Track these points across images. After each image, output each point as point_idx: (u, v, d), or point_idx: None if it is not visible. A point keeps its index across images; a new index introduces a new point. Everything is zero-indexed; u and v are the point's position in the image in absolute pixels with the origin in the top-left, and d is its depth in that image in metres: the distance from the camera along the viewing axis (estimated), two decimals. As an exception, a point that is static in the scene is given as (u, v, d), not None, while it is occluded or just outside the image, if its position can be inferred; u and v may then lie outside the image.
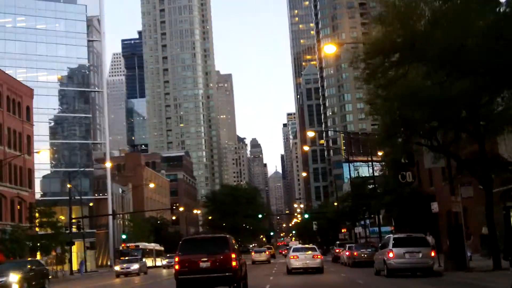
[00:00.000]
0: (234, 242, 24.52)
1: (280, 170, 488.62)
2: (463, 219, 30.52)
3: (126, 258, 64.46)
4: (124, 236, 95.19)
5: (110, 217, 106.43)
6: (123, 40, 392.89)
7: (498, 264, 28.32)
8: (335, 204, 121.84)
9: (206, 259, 22.04)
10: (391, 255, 30.30)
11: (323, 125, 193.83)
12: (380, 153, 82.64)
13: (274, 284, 31.11)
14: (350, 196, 70.63)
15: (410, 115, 27.34)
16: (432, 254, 30.48)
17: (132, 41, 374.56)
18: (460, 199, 30.32)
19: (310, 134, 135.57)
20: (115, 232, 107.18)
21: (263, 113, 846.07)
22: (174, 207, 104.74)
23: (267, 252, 73.14)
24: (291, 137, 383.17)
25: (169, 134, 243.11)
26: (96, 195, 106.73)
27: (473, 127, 28.81)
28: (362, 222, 72.26)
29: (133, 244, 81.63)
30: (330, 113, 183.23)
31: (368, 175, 74.21)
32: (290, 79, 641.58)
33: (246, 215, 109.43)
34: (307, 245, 50.99)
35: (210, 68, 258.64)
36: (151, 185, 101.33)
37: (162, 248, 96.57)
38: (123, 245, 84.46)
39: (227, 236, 24.14)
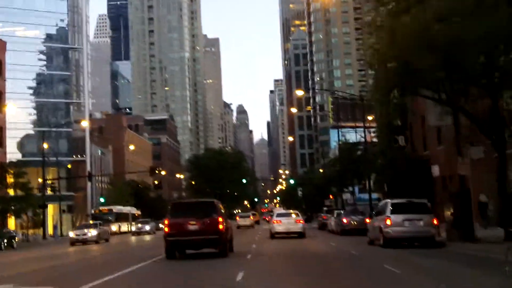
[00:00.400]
0: (221, 207, 25.07)
1: (266, 137, 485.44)
2: (471, 184, 26.87)
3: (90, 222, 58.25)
4: (102, 200, 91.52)
5: (89, 183, 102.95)
6: (109, 1, 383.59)
7: (510, 235, 24.85)
8: (321, 170, 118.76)
9: (194, 222, 22.91)
10: (388, 222, 26.75)
11: (311, 91, 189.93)
12: (370, 118, 79.20)
13: (257, 251, 28.12)
14: (338, 161, 66.97)
15: (417, 61, 23.41)
16: (435, 222, 26.96)
17: (118, 2, 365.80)
18: (468, 161, 26.61)
19: (299, 93, 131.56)
20: (94, 195, 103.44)
21: (250, 79, 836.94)
22: (156, 171, 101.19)
23: (251, 218, 75.10)
24: (277, 103, 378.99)
25: (154, 98, 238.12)
26: (74, 156, 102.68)
27: (486, 79, 24.98)
28: (350, 188, 68.84)
29: (105, 208, 77.53)
30: (318, 79, 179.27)
31: (356, 141, 71.77)
32: (278, 45, 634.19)
33: (231, 180, 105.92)
34: (289, 211, 50.62)
35: (197, 31, 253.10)
36: (131, 147, 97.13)
37: (139, 212, 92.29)
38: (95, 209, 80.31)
39: (215, 201, 25.05)
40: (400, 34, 23.44)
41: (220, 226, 23.20)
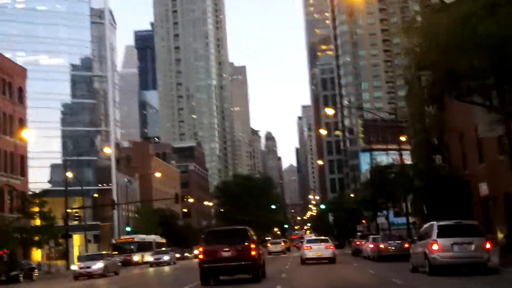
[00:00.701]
0: (253, 233, 25.92)
1: (294, 163, 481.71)
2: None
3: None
4: (128, 229, 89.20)
5: (116, 212, 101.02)
6: (135, 32, 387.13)
7: None
8: (352, 195, 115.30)
9: (228, 249, 23.70)
10: (435, 247, 23.66)
11: (340, 115, 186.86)
12: (403, 138, 76.05)
13: (290, 280, 26.51)
14: (370, 185, 63.79)
15: (462, 63, 20.56)
16: (487, 246, 23.81)
17: (145, 33, 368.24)
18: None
19: (329, 111, 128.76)
20: (120, 224, 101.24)
21: (278, 106, 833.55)
22: (184, 198, 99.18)
23: (282, 244, 76.53)
24: (305, 129, 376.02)
25: (181, 126, 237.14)
26: (100, 185, 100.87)
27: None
28: (385, 213, 65.49)
29: (127, 237, 74.30)
30: (347, 102, 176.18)
31: (389, 164, 69.04)
32: (305, 70, 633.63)
33: (260, 206, 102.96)
34: (320, 237, 51.44)
35: (224, 58, 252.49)
36: (157, 174, 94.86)
37: (164, 241, 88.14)
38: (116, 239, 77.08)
39: (247, 228, 25.96)
40: (441, 33, 20.66)
41: (253, 253, 24.11)
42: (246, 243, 24.33)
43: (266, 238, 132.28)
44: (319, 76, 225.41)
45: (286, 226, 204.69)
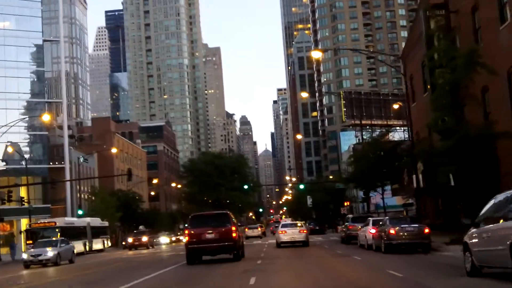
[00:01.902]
0: (233, 217, 28.36)
1: (270, 148, 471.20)
2: None
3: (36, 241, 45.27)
4: (80, 212, 76.81)
5: (68, 191, 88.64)
6: (106, 12, 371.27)
7: None
8: (330, 177, 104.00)
9: (211, 231, 26.22)
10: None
11: (317, 94, 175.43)
12: (395, 106, 64.81)
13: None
14: (362, 157, 52.21)
15: None
16: None
17: (116, 13, 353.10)
18: None
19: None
20: (74, 207, 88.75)
21: (253, 90, 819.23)
22: (151, 180, 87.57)
23: (259, 229, 79.57)
24: (281, 112, 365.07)
25: (152, 107, 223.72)
26: (51, 163, 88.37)
27: None
28: (378, 191, 54.20)
29: (46, 221, 58.21)
30: (325, 79, 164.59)
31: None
32: (281, 53, 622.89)
33: (231, 187, 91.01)
34: (294, 222, 52.98)
35: (196, 37, 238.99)
36: (114, 150, 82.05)
37: (106, 224, 73.52)
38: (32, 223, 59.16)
39: (228, 212, 28.59)
40: None
41: (234, 234, 26.35)
42: (227, 226, 26.38)
43: (238, 223, 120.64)
44: (295, 55, 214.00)
45: (261, 210, 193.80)
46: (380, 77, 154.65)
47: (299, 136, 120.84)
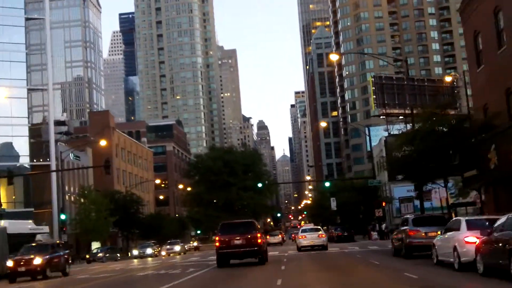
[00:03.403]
0: (258, 225, 31.18)
1: (288, 153, 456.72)
2: None
3: None
4: (63, 217, 63.45)
5: (54, 192, 75.30)
6: (120, 14, 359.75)
7: None
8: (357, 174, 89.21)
9: (239, 237, 28.45)
10: None
11: (338, 90, 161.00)
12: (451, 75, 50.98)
13: None
14: (417, 136, 37.78)
15: None
16: None
17: (130, 15, 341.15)
18: None
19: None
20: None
21: (270, 94, 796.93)
22: (162, 183, 73.92)
23: (279, 236, 78.79)
24: (299, 116, 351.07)
25: (165, 108, 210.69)
26: (35, 161, 75.33)
27: None
28: (440, 184, 40.02)
29: None
30: (347, 73, 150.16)
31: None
32: (298, 55, 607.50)
33: (244, 187, 77.22)
34: (314, 227, 53.43)
35: (210, 35, 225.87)
36: (103, 143, 67.85)
37: (46, 231, 46.32)
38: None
39: (254, 221, 31.16)
40: None
41: (259, 240, 28.77)
42: (253, 233, 28.73)
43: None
44: (314, 52, 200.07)
45: (278, 214, 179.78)
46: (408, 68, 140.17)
47: (322, 124, 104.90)
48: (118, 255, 67.36)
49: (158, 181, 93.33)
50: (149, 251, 66.94)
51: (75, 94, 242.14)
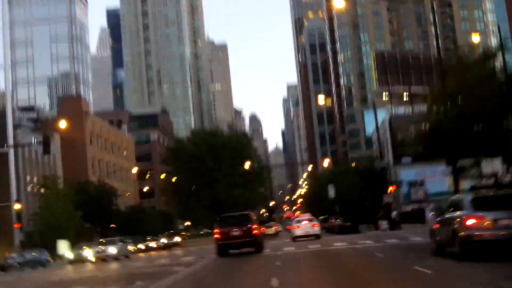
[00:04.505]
0: (254, 217, 34.31)
1: (281, 146, 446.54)
2: None
3: None
4: (17, 207, 53.02)
5: (14, 184, 64.85)
6: (108, 9, 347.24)
7: None
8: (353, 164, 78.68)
9: (236, 229, 30.00)
10: None
11: (332, 76, 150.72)
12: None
13: None
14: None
15: None
16: None
17: (118, 11, 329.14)
18: None
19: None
20: (25, 207, 65.00)
21: (263, 87, 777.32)
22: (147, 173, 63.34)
23: (273, 227, 77.98)
24: (291, 106, 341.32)
25: (152, 98, 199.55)
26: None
27: None
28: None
29: None
30: (343, 60, 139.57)
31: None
32: (290, 46, 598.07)
33: (231, 174, 66.78)
34: (307, 217, 50.58)
35: (198, 24, 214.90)
36: (62, 124, 56.73)
37: None
38: None
39: (250, 213, 33.98)
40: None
41: (255, 231, 30.42)
42: (249, 225, 30.32)
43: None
44: (307, 40, 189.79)
45: (272, 203, 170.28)
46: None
47: (321, 100, 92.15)
48: (48, 258, 51.35)
49: (135, 170, 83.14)
50: (112, 250, 46.95)
51: (62, 88, 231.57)
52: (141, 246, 64.52)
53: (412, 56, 77.09)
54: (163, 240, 70.89)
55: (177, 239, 73.91)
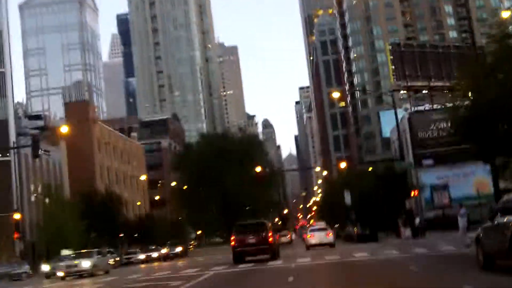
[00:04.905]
0: (270, 225, 34.17)
1: (294, 152, 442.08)
2: None
3: None
4: (17, 216, 50.33)
5: (14, 193, 62.12)
6: (118, 15, 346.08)
7: None
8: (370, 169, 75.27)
9: (252, 237, 30.83)
10: None
11: (345, 75, 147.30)
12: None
13: None
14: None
15: None
16: None
17: (128, 16, 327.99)
18: None
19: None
20: (29, 217, 62.30)
21: (274, 92, 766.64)
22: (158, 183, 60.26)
23: (288, 235, 78.61)
24: (304, 111, 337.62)
25: (163, 105, 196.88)
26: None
27: None
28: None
29: None
30: (355, 55, 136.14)
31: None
32: (302, 48, 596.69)
33: (242, 180, 63.63)
34: (321, 226, 53.39)
35: (208, 27, 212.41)
36: (64, 129, 53.89)
37: None
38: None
39: (266, 221, 34.35)
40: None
41: (270, 239, 31.11)
42: (265, 233, 31.09)
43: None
44: (318, 39, 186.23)
45: (286, 211, 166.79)
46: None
47: (335, 94, 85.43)
48: (28, 271, 47.60)
49: (143, 177, 80.00)
50: (85, 264, 37.48)
51: (75, 98, 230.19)
52: (141, 256, 60.12)
53: (430, 47, 73.46)
54: (163, 251, 64.27)
55: (179, 249, 67.50)
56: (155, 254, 59.40)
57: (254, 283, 19.91)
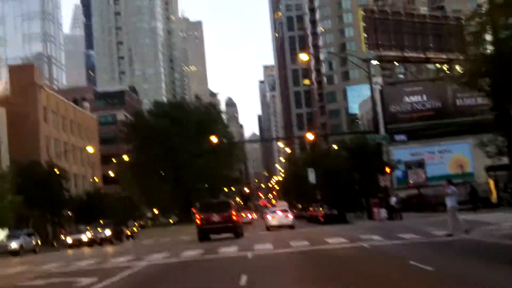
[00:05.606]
0: (234, 204, 35.62)
1: (257, 132, 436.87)
2: None
3: None
4: None
5: None
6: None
7: None
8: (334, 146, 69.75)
9: (216, 215, 31.78)
10: None
11: (311, 50, 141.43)
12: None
13: None
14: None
15: None
16: None
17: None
18: None
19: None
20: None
21: (238, 70, 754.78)
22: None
23: (249, 215, 76.20)
24: (268, 90, 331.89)
25: (122, 77, 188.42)
26: None
27: None
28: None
29: None
30: (322, 30, 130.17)
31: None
32: (267, 25, 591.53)
33: (198, 153, 57.41)
34: (282, 207, 54.90)
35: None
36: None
37: None
38: None
39: (230, 201, 36.60)
40: None
41: (234, 218, 32.15)
42: (228, 211, 32.02)
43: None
44: (284, 14, 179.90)
45: (247, 190, 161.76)
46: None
47: (303, 56, 75.73)
48: None
49: (90, 149, 72.81)
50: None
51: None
52: (68, 239, 51.88)
53: (406, 15, 67.92)
54: (85, 236, 52.11)
55: (107, 232, 54.93)
56: (85, 238, 51.26)
57: (189, 285, 13.92)
